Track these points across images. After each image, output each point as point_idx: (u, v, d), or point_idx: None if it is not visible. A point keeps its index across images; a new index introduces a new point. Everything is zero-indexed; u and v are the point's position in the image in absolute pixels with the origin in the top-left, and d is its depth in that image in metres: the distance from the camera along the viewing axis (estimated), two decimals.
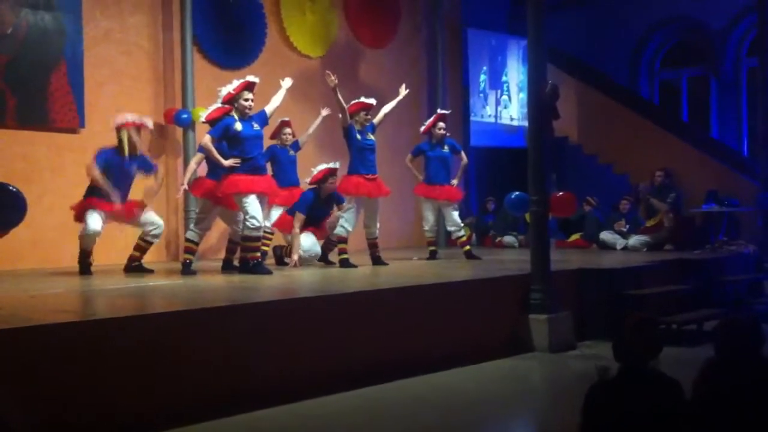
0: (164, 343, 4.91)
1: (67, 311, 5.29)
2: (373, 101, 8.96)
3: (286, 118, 9.38)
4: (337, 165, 8.78)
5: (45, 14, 9.07)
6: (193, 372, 4.98)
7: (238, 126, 7.69)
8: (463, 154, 9.88)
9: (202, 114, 8.39)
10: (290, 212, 8.68)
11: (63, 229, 9.06)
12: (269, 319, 5.51)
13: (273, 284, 7.22)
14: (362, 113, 8.79)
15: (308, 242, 8.64)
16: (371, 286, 6.83)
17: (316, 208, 8.67)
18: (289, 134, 9.35)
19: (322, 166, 8.75)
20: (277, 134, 9.35)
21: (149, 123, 8.34)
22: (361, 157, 8.67)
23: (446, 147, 9.67)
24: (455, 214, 9.63)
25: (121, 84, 9.60)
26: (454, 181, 9.66)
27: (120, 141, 8.00)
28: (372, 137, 8.83)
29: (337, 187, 8.83)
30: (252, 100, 7.81)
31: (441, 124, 9.67)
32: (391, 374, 5.93)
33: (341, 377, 5.67)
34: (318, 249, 8.81)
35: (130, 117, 8.11)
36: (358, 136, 8.69)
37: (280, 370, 5.43)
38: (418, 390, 5.83)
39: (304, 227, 8.59)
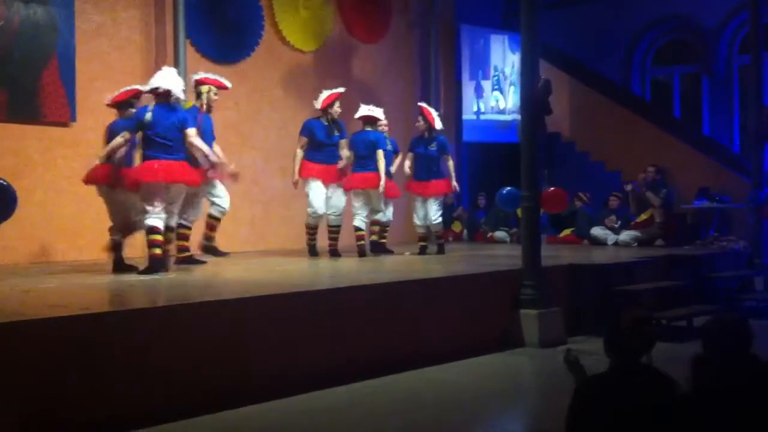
0: (158, 337, 4.91)
1: (59, 306, 5.28)
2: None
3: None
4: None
5: (37, 8, 9.03)
6: (188, 367, 4.99)
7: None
8: (449, 156, 9.73)
9: (108, 96, 8.04)
10: None
11: (54, 223, 9.05)
12: (262, 314, 5.51)
13: (262, 280, 7.22)
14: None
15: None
16: (362, 282, 6.83)
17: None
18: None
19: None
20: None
21: (228, 84, 8.50)
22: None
23: (434, 145, 9.55)
24: (435, 209, 9.55)
25: (113, 79, 9.54)
26: (454, 183, 9.66)
27: (199, 95, 8.16)
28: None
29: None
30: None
31: (420, 118, 9.73)
32: (382, 369, 5.95)
33: (333, 373, 5.68)
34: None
35: (211, 76, 8.34)
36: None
37: (272, 365, 5.44)
38: (410, 385, 5.84)
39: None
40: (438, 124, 9.57)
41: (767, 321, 8.65)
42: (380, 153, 9.20)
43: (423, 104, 9.80)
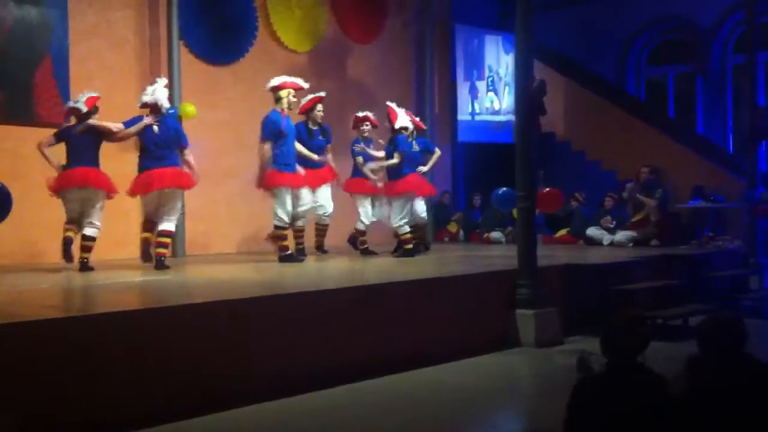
0: (158, 337, 4.91)
1: (55, 307, 5.28)
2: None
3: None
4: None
5: (31, 8, 9.02)
6: (188, 367, 4.98)
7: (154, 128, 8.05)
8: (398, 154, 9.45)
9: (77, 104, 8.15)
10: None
11: (50, 224, 9.03)
12: (262, 314, 5.51)
13: (260, 280, 7.22)
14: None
15: None
16: (360, 282, 6.83)
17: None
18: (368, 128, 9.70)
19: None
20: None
21: (305, 84, 8.85)
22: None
23: (392, 146, 9.46)
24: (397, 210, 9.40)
25: (108, 79, 9.56)
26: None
27: (279, 100, 8.50)
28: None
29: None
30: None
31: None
32: (380, 370, 5.95)
33: (331, 373, 5.68)
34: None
35: (288, 79, 8.65)
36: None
37: (271, 366, 5.44)
38: (408, 385, 5.85)
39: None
40: (397, 124, 9.37)
41: (762, 320, 8.70)
42: (357, 159, 9.49)
43: (390, 104, 9.65)
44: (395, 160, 9.25)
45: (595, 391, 3.36)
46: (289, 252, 8.64)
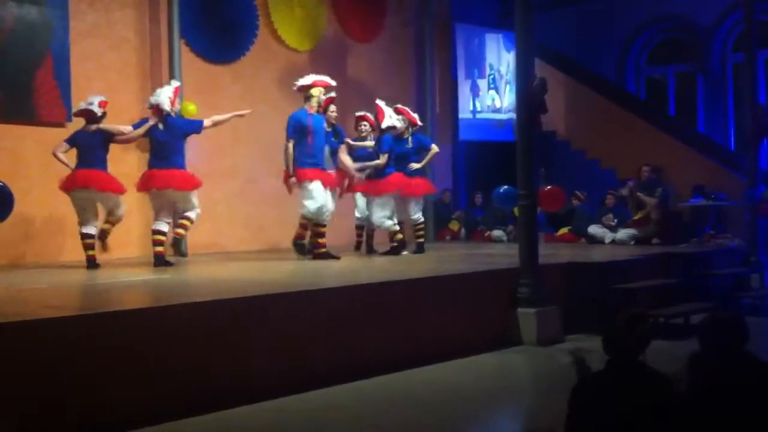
0: (158, 337, 4.91)
1: (54, 306, 5.27)
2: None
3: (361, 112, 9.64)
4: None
5: (31, 8, 9.01)
6: (187, 366, 4.98)
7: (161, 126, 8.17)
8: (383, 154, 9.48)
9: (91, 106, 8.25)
10: None
11: (50, 223, 9.04)
12: (262, 314, 5.51)
13: (261, 280, 7.21)
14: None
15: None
16: (360, 281, 6.83)
17: None
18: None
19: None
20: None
21: (333, 82, 8.82)
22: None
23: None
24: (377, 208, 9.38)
25: (108, 78, 9.56)
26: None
27: (309, 98, 8.49)
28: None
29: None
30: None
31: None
32: (381, 368, 5.95)
33: (329, 372, 5.68)
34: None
35: (318, 77, 8.63)
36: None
37: (271, 366, 5.44)
38: (408, 384, 5.85)
39: None
40: (384, 124, 9.29)
41: (763, 318, 8.69)
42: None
43: (379, 102, 9.56)
44: (380, 161, 9.20)
45: (596, 390, 3.35)
46: (325, 250, 8.60)
